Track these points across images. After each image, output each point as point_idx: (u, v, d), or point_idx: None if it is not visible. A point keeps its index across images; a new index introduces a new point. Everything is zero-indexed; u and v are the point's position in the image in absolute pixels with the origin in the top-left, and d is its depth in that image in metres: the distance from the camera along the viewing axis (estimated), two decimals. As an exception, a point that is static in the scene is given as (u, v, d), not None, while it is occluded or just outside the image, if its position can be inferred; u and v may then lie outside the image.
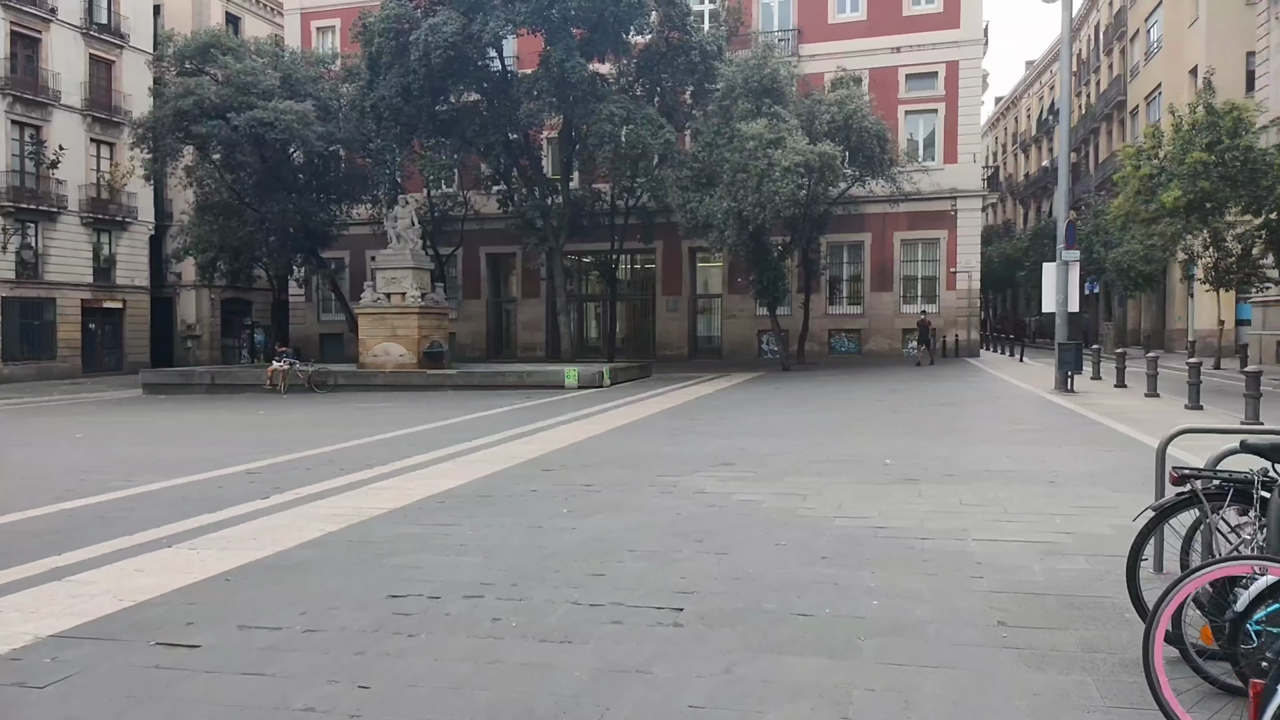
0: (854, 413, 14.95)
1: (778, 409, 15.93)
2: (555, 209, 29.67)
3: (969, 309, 33.45)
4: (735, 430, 12.86)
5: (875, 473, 9.05)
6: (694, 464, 9.84)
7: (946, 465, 9.40)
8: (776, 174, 23.48)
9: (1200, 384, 14.20)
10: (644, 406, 16.90)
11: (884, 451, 10.45)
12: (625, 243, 32.56)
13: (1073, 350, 17.70)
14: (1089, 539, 6.26)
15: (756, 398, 18.37)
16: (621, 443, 11.83)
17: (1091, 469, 9.03)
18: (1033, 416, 13.86)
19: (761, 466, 9.60)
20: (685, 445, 11.42)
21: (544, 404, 18.06)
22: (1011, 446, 10.65)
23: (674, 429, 13.23)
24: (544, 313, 37.29)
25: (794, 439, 11.77)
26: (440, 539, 6.70)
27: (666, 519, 7.18)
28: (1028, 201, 63.91)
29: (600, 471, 9.51)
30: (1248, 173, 18.04)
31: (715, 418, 14.65)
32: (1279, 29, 24.88)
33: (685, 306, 35.92)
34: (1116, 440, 11.07)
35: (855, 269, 34.56)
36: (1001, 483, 8.38)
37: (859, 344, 34.07)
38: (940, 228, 33.33)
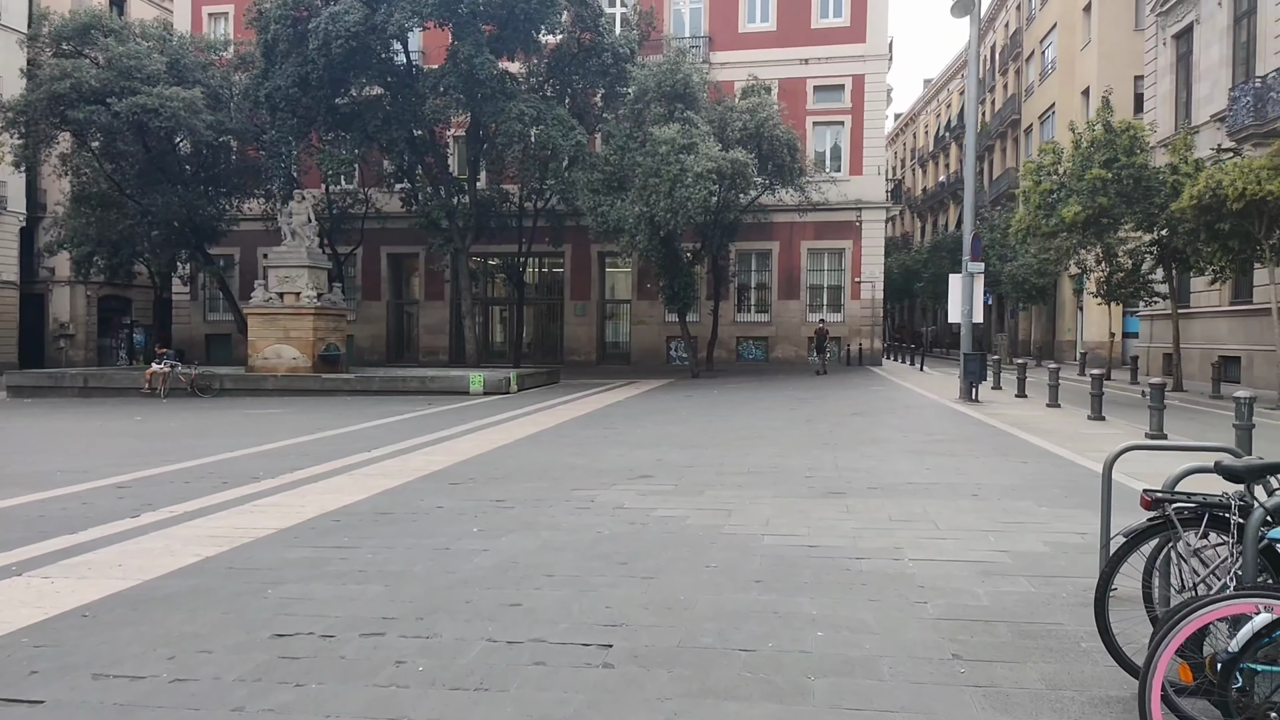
0: (769, 422, 14.72)
1: (691, 417, 15.59)
2: (461, 209, 28.80)
3: (872, 318, 33.97)
4: (650, 440, 12.43)
5: (798, 485, 8.73)
6: (611, 476, 9.35)
7: (869, 477, 9.17)
8: (689, 180, 23.23)
9: (1103, 395, 14.49)
10: (554, 414, 16.34)
11: (804, 463, 10.18)
12: (533, 245, 31.88)
13: (977, 361, 17.95)
14: (1026, 558, 6.03)
15: (669, 405, 18.02)
16: (533, 453, 11.26)
17: (1012, 481, 8.92)
18: (944, 427, 13.88)
19: (681, 479, 9.18)
20: (600, 456, 10.92)
21: (448, 411, 17.30)
22: (930, 458, 10.52)
23: (587, 438, 12.72)
24: (448, 316, 36.25)
25: (711, 449, 11.40)
26: (335, 564, 6.03)
27: (586, 538, 6.67)
28: (925, 215, 65.83)
29: (512, 485, 8.92)
30: (1142, 190, 18.68)
31: (629, 426, 14.21)
32: (1166, 53, 26.02)
33: (594, 311, 35.44)
34: (1029, 451, 11.08)
35: (763, 277, 34.71)
36: (927, 496, 8.16)
37: (766, 351, 34.20)
38: (845, 238, 33.76)
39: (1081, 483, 8.82)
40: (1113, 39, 32.97)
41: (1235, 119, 20.20)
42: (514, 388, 22.19)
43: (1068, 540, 6.46)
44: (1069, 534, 6.66)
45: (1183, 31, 25.23)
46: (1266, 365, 20.61)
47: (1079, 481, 8.89)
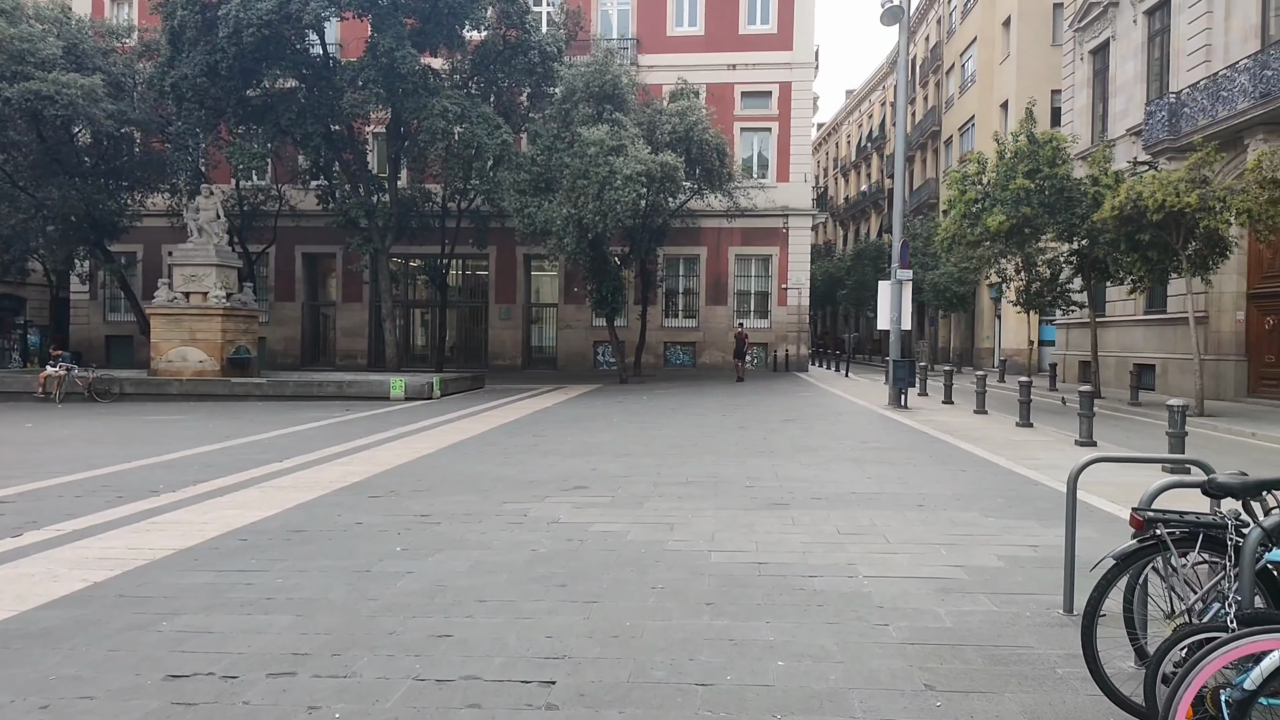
0: (701, 429, 14.41)
1: (623, 424, 15.19)
2: (381, 208, 27.86)
3: (799, 325, 34.10)
4: (582, 448, 11.98)
5: (740, 497, 8.40)
6: (543, 488, 8.88)
7: (811, 487, 8.89)
8: (618, 182, 22.86)
9: (1030, 402, 14.59)
10: (480, 421, 15.74)
11: (742, 472, 9.86)
12: (457, 247, 31.10)
13: (906, 367, 17.98)
14: (982, 573, 5.78)
15: (599, 412, 17.58)
16: (459, 463, 10.69)
17: (955, 490, 8.75)
18: (878, 434, 13.77)
19: (617, 490, 8.75)
20: (531, 465, 10.42)
21: (367, 418, 16.54)
22: (870, 466, 10.32)
23: (516, 447, 12.19)
24: (367, 318, 35.12)
25: (646, 458, 11.01)
26: (240, 591, 5.44)
27: (520, 557, 6.19)
28: (847, 224, 66.84)
29: (438, 498, 8.37)
30: (1064, 201, 19.02)
31: (559, 434, 13.72)
32: (1083, 68, 26.73)
33: (519, 315, 34.77)
34: (965, 459, 10.98)
35: (691, 282, 34.54)
36: (872, 507, 7.91)
37: (694, 356, 34.03)
38: (772, 244, 33.83)
39: (1022, 491, 8.70)
40: (1031, 53, 33.85)
41: (1151, 133, 20.77)
42: (437, 393, 21.47)
43: (1020, 554, 6.25)
44: (1020, 547, 6.45)
45: (1099, 47, 25.95)
46: (1180, 373, 21.23)
47: (1019, 490, 8.77)
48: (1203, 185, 15.87)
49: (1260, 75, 17.33)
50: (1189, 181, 15.88)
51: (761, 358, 34.22)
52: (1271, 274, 18.94)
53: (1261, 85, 17.24)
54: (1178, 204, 15.70)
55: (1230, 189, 15.69)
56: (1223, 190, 15.66)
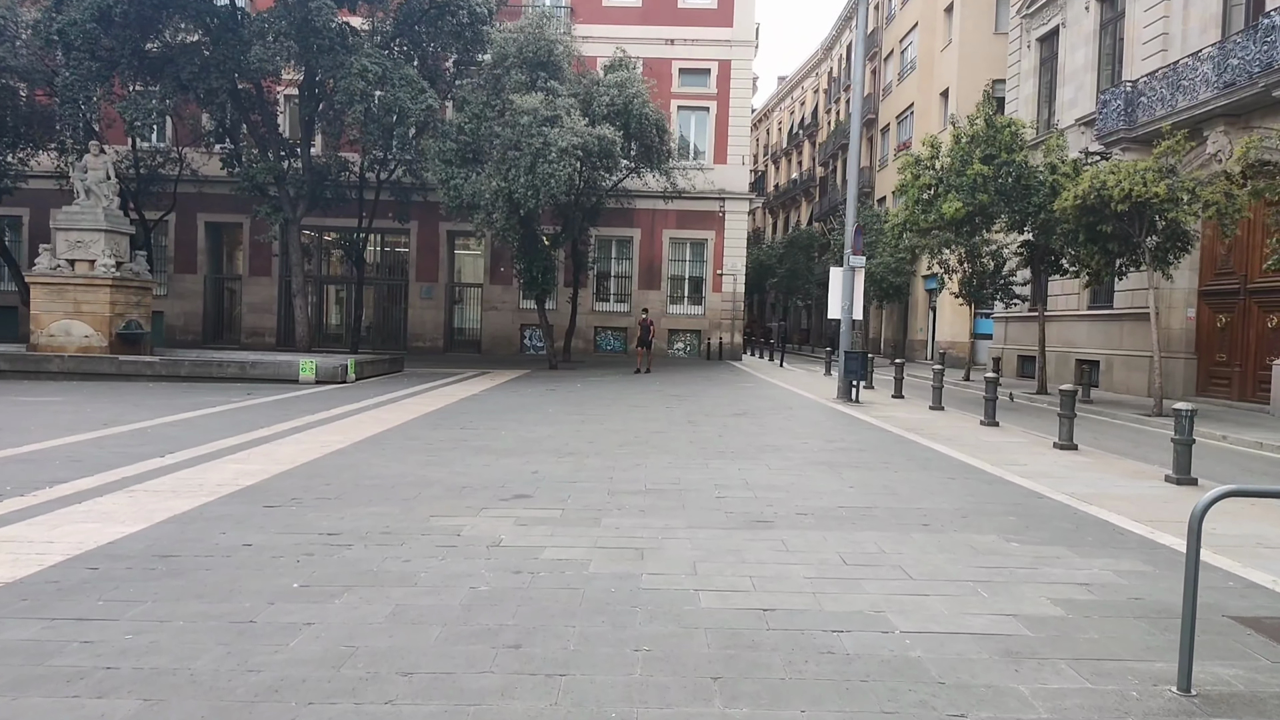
0: (648, 423, 13.13)
1: (561, 416, 13.80)
2: (292, 175, 25.76)
3: (733, 312, 33.11)
4: (519, 445, 10.57)
5: (713, 511, 7.14)
6: (478, 496, 7.47)
7: (790, 499, 7.69)
8: (553, 155, 21.37)
9: (996, 400, 13.72)
10: (400, 409, 14.16)
11: (706, 478, 8.62)
12: (375, 220, 29.12)
13: (859, 360, 17.01)
14: (1045, 626, 4.63)
15: (531, 401, 16.15)
16: (376, 462, 9.18)
17: (954, 504, 7.65)
18: (840, 432, 12.69)
19: (567, 500, 7.41)
20: (461, 466, 8.98)
21: (272, 403, 14.79)
22: (846, 471, 9.18)
23: (443, 442, 10.71)
24: (276, 294, 32.82)
25: (593, 458, 9.68)
26: (70, 655, 3.94)
27: (456, 599, 4.81)
28: (777, 211, 66.34)
29: (349, 510, 6.89)
30: (1020, 189, 18.30)
31: (491, 427, 12.27)
32: (1030, 56, 26.22)
33: (442, 295, 32.91)
34: (948, 465, 9.94)
35: (624, 265, 33.21)
36: (871, 526, 6.74)
37: (625, 342, 32.74)
38: (708, 228, 32.73)
39: (1029, 506, 7.66)
40: (973, 41, 33.36)
41: (1105, 123, 20.23)
42: (352, 376, 19.71)
43: (1076, 596, 5.13)
44: (1069, 585, 5.34)
45: (1048, 34, 25.44)
46: (1127, 370, 20.82)
47: (1025, 505, 7.72)
48: (1170, 175, 15.22)
49: (1224, 64, 16.80)
50: (1156, 171, 15.22)
51: (695, 345, 33.15)
52: (1224, 270, 18.57)
53: (1226, 74, 16.71)
54: (1144, 194, 15.02)
55: (1199, 180, 15.07)
56: (1190, 181, 15.03)
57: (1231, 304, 18.33)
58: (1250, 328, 17.82)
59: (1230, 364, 18.33)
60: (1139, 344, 20.60)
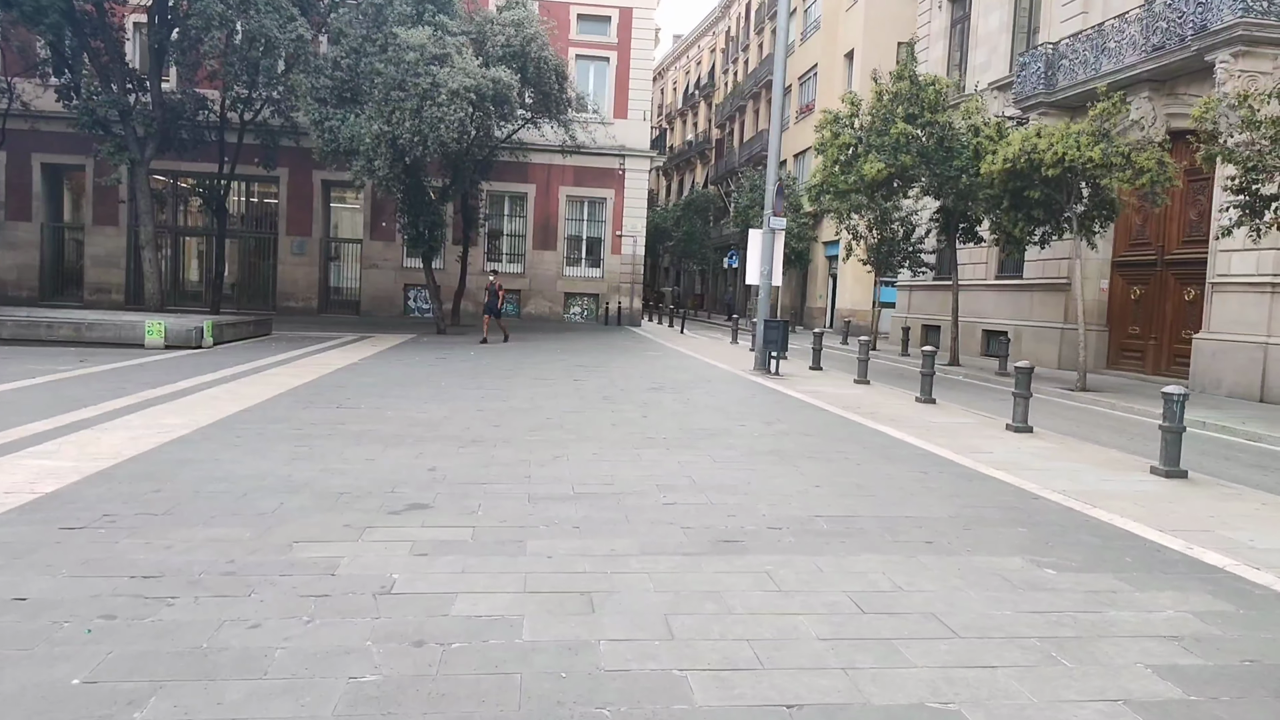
0: (557, 399, 11.56)
1: (455, 391, 12.07)
2: (141, 111, 22.71)
3: (633, 275, 31.68)
4: (410, 429, 8.84)
5: (667, 527, 5.67)
6: (360, 507, 5.78)
7: (753, 504, 6.30)
8: (442, 97, 19.32)
9: (934, 375, 12.74)
10: (264, 382, 12.14)
11: (643, 475, 7.15)
12: (239, 166, 26.24)
13: (779, 330, 15.82)
14: (1166, 712, 3.36)
15: (420, 372, 14.31)
16: (227, 456, 7.33)
17: (946, 510, 6.41)
18: (775, 413, 11.42)
19: (477, 510, 5.81)
20: (337, 461, 7.23)
21: (107, 373, 12.50)
22: (803, 464, 7.88)
23: (314, 426, 8.87)
24: (125, 246, 29.43)
25: (503, 448, 8.07)
26: None
27: (331, 694, 3.19)
28: (671, 174, 65.06)
29: (181, 533, 5.10)
30: (942, 151, 17.41)
31: (373, 405, 10.45)
32: (941, 17, 25.49)
33: (316, 251, 30.18)
34: (911, 454, 8.77)
35: (517, 224, 31.23)
36: (863, 546, 5.41)
37: (519, 306, 30.87)
38: (607, 186, 31.09)
39: (1027, 510, 6.50)
40: (880, 1, 32.53)
41: (1024, 86, 19.56)
42: (209, 340, 17.34)
43: (1177, 660, 3.88)
44: (1156, 640, 4.10)
45: (961, -5, 24.74)
46: (1036, 341, 20.42)
47: (1022, 508, 6.56)
48: (1104, 140, 14.51)
49: (1154, 26, 16.21)
50: (1090, 135, 14.48)
51: (592, 309, 31.60)
52: (1140, 241, 18.23)
53: (1155, 37, 16.13)
54: (1078, 159, 14.27)
55: (1132, 145, 14.39)
56: (1124, 146, 14.34)
57: (1147, 276, 18.01)
58: (1166, 300, 17.53)
59: (1144, 337, 18.06)
60: (1050, 315, 20.23)
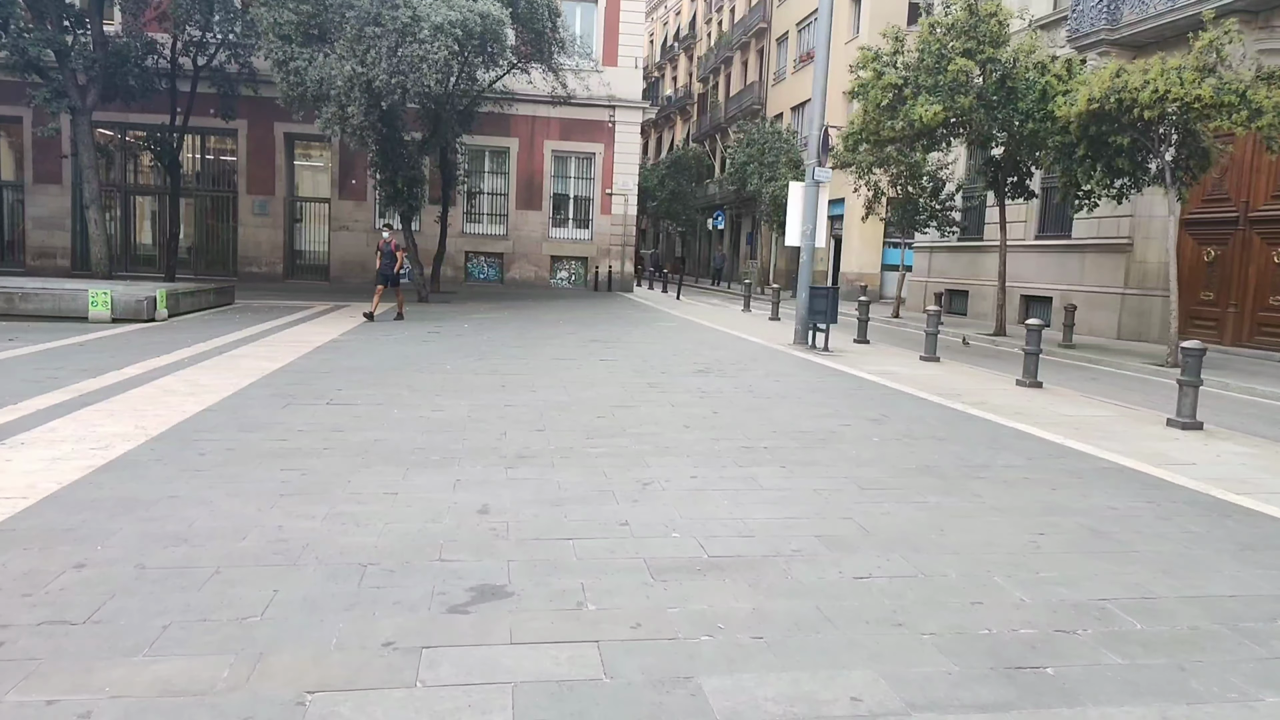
0: (594, 388, 9.43)
1: (467, 378, 9.90)
2: (81, 53, 19.98)
3: (624, 237, 29.43)
4: (429, 438, 6.70)
5: (898, 630, 3.63)
6: (400, 599, 3.65)
7: (982, 572, 4.27)
8: (424, 33, 16.92)
9: (1039, 354, 10.76)
10: (229, 368, 9.88)
11: (782, 516, 5.11)
12: (193, 118, 23.56)
13: (828, 298, 13.76)
14: None
15: (414, 350, 12.10)
16: (181, 493, 5.15)
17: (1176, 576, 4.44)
18: (865, 403, 9.38)
19: (586, 605, 3.72)
20: (344, 498, 5.08)
21: (35, 356, 10.16)
22: (979, 489, 5.88)
23: (300, 435, 6.70)
24: (70, 206, 26.60)
25: (566, 467, 5.98)
26: None
27: None
28: (649, 131, 62.46)
29: (102, 676, 2.95)
30: (1004, 93, 15.36)
31: (373, 399, 8.27)
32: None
33: (280, 211, 27.51)
34: (1081, 463, 6.81)
35: (499, 181, 28.75)
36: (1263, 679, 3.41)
37: (501, 271, 28.54)
38: (596, 140, 28.70)
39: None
40: (895, -66, 30.16)
41: (1081, 21, 17.50)
42: (162, 312, 14.96)
43: None
44: None
45: (995, -74, 22.47)
46: (1087, 308, 18.54)
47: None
48: (1211, 74, 12.53)
49: (1249, -50, 14.21)
50: (1197, 70, 12.49)
51: (580, 274, 29.34)
52: (1215, 197, 16.36)
53: (1251, -38, 14.13)
54: (1182, 97, 12.29)
55: (1248, 82, 12.40)
56: (1238, 83, 12.35)
57: (1225, 236, 16.17)
58: (1250, 263, 15.71)
59: (1220, 304, 16.25)
60: (1106, 279, 18.40)
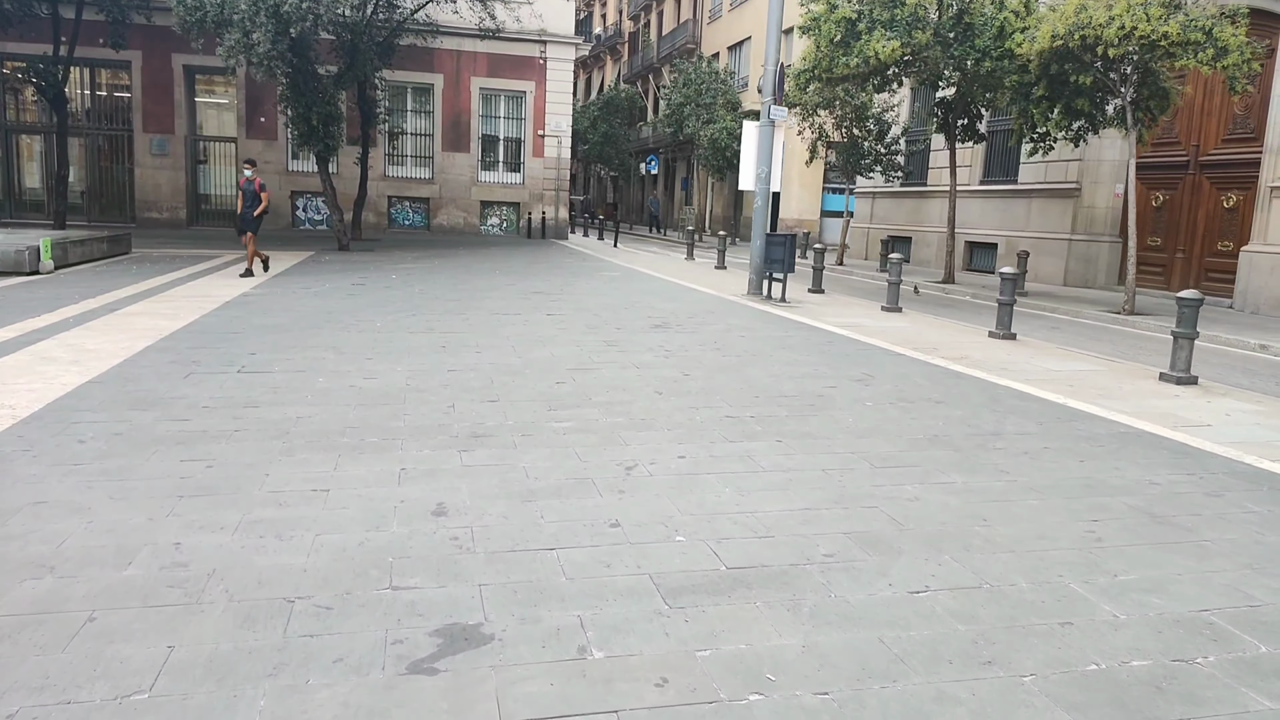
0: (546, 347, 8.50)
1: (400, 336, 8.86)
2: (-58, -33, 17.81)
3: (558, 182, 28.15)
4: (364, 413, 5.73)
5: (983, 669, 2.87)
6: (345, 656, 2.74)
7: (1085, 603, 3.56)
8: (338, -48, 15.39)
9: (1014, 305, 10.18)
10: (119, 328, 8.65)
11: (797, 509, 4.31)
12: (80, 48, 21.42)
13: (785, 247, 12.99)
14: None
15: (337, 304, 10.95)
16: (50, 496, 4.12)
17: None
18: (843, 359, 8.66)
19: (591, 652, 2.87)
20: (262, 499, 4.11)
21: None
22: (1005, 465, 5.19)
23: (205, 412, 5.65)
24: (-59, 145, 24.20)
25: (531, 448, 5.10)
26: None
27: None
28: (577, 71, 60.46)
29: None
30: (961, 29, 14.65)
31: (292, 364, 7.21)
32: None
33: (181, 151, 25.44)
34: (1097, 427, 6.20)
35: (423, 121, 27.12)
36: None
37: (428, 217, 27.07)
38: (527, 78, 27.23)
39: None
40: None
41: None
42: (47, 264, 13.42)
43: None
44: None
45: None
46: (1036, 255, 18.17)
47: None
48: (1178, 10, 12.00)
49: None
50: (1163, 5, 11.94)
51: (513, 221, 28.05)
52: (1164, 141, 16.02)
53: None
54: (1149, 34, 11.74)
55: (1213, 17, 11.91)
56: (1206, 20, 11.85)
57: (1174, 180, 15.88)
58: (1199, 208, 15.46)
59: (1168, 249, 16.03)
60: (1052, 225, 18.07)
